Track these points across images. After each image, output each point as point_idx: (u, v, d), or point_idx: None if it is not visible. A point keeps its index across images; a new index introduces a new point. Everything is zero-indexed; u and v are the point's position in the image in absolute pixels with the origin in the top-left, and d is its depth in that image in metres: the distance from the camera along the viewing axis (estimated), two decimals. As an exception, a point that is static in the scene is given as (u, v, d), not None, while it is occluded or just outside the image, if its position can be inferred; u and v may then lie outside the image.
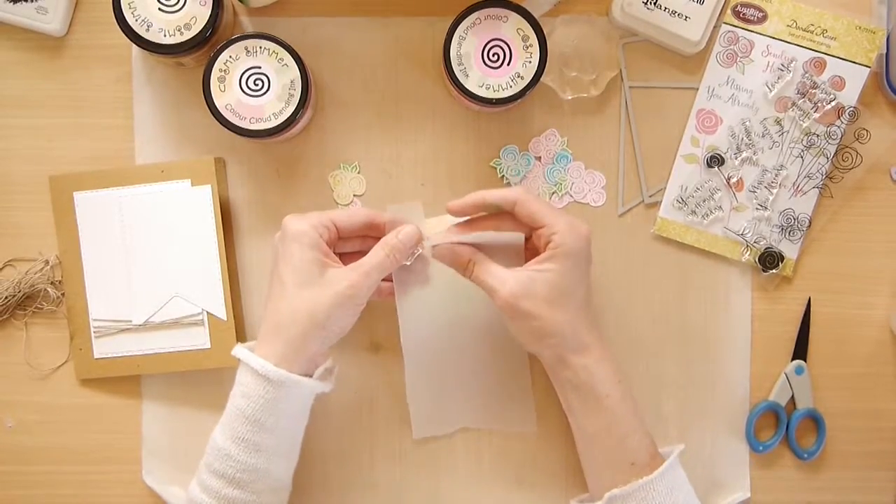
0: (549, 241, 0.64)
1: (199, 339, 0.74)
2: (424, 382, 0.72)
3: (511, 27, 0.70)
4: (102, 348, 0.74)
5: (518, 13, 0.69)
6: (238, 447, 0.63)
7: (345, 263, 0.66)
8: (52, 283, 0.75)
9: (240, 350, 0.65)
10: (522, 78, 0.70)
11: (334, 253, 0.67)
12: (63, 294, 0.75)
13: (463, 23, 0.70)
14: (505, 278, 0.64)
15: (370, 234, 0.69)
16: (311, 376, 0.65)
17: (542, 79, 0.70)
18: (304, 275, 0.64)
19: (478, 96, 0.70)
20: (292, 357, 0.64)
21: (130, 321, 0.74)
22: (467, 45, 0.70)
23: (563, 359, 0.66)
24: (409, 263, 0.67)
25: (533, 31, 0.70)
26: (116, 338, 0.74)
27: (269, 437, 0.64)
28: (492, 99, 0.70)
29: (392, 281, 0.69)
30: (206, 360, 0.74)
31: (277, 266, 0.66)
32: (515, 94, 0.70)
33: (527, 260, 0.67)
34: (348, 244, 0.70)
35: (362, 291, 0.64)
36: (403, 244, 0.66)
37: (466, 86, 0.70)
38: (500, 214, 0.68)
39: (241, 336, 0.75)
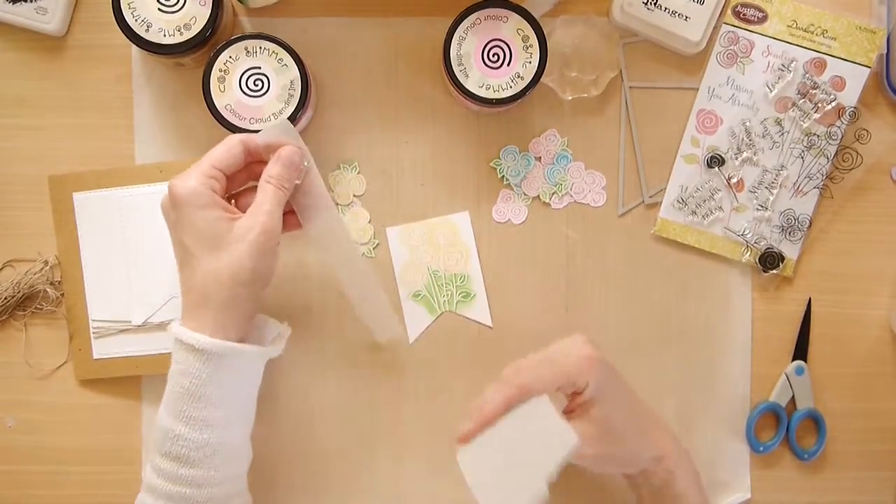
0: (574, 391, 0.63)
1: (198, 339, 0.74)
2: (361, 291, 0.69)
3: (511, 27, 0.69)
4: (102, 349, 0.74)
5: (518, 13, 0.69)
6: (187, 426, 0.60)
7: (239, 206, 0.64)
8: (51, 283, 0.75)
9: (175, 326, 0.62)
10: (522, 78, 0.70)
11: (226, 200, 0.64)
12: (62, 294, 0.75)
13: (463, 23, 0.69)
14: None
15: (252, 160, 0.65)
16: (246, 340, 0.62)
17: (542, 79, 0.70)
18: (211, 238, 0.60)
19: (478, 96, 0.70)
20: (227, 322, 0.61)
21: (130, 321, 0.74)
22: (467, 45, 0.70)
23: (645, 471, 0.66)
24: (299, 182, 0.65)
25: (533, 32, 0.69)
26: (116, 338, 0.74)
27: (218, 409, 0.61)
28: (492, 99, 0.70)
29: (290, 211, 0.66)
30: (206, 360, 0.73)
31: (178, 235, 0.62)
32: (515, 95, 0.70)
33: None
34: (235, 183, 0.65)
35: (274, 232, 0.62)
36: (287, 169, 0.63)
37: (466, 86, 0.70)
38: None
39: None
